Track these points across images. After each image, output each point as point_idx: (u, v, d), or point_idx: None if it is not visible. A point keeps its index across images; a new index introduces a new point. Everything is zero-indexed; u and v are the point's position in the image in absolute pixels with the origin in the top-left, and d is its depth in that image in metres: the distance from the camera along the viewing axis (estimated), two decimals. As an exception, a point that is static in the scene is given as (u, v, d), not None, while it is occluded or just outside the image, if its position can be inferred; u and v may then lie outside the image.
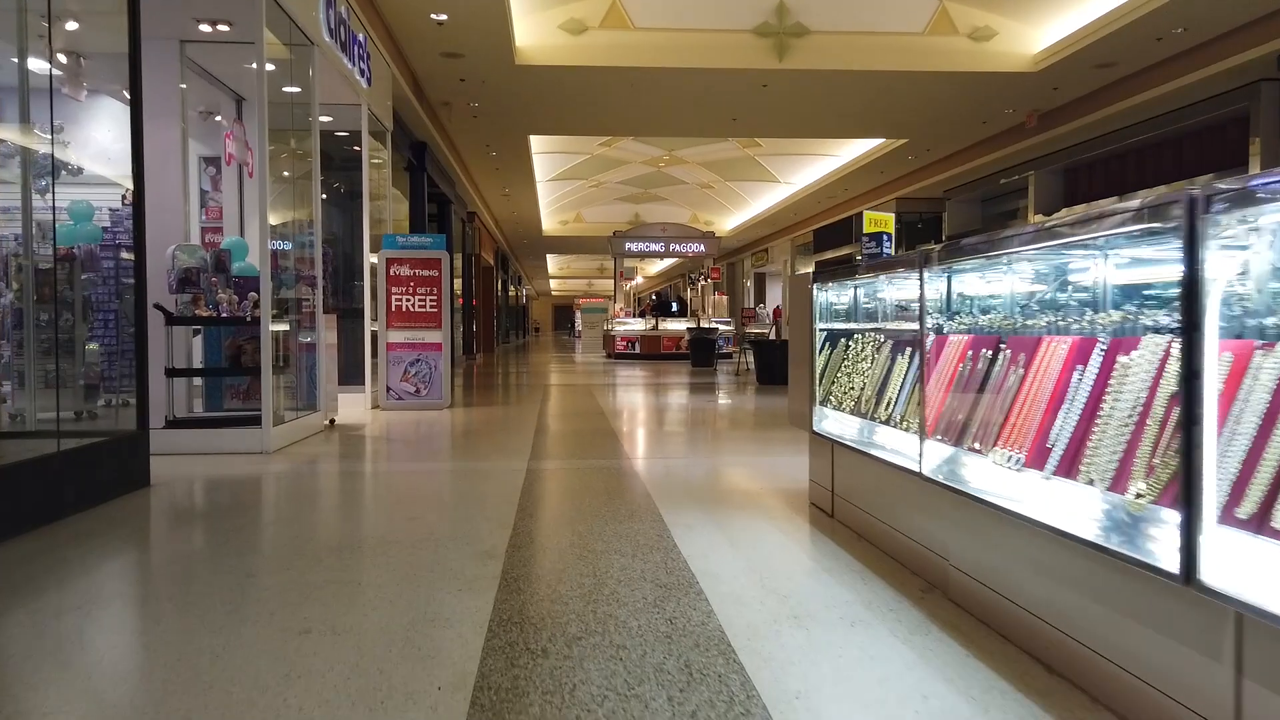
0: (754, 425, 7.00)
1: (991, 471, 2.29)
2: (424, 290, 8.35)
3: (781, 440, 6.01)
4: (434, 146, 13.46)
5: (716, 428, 6.86)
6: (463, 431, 6.70)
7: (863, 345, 3.43)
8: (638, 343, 19.85)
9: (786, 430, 6.55)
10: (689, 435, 6.46)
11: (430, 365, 8.34)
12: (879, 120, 13.38)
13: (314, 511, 3.82)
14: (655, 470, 4.74)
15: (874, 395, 3.23)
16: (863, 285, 3.53)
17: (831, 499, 3.51)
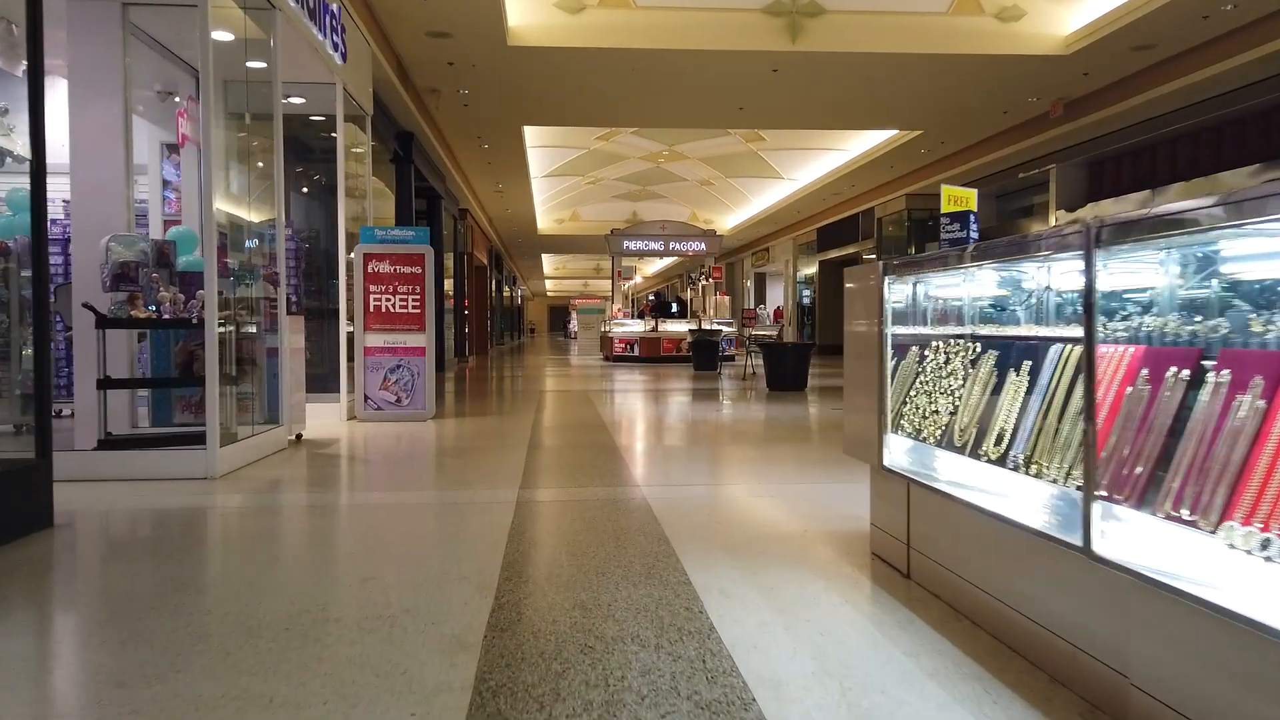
0: (776, 441, 6.21)
1: (1217, 557, 1.51)
2: (406, 289, 7.56)
3: (813, 462, 5.22)
4: (422, 138, 12.66)
5: (734, 445, 6.07)
6: (446, 449, 5.90)
7: (950, 356, 2.65)
8: (637, 345, 19.07)
9: (816, 448, 5.77)
10: (704, 454, 5.67)
11: (412, 372, 7.55)
12: (894, 110, 12.62)
13: (242, 567, 3.02)
14: (671, 503, 3.95)
15: (973, 423, 2.44)
16: (951, 277, 2.74)
17: (907, 554, 2.72)
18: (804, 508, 3.84)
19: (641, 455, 5.50)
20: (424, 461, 5.35)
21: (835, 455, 5.41)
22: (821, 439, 6.30)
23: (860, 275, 3.00)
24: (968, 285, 2.71)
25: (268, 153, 6.31)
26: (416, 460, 5.40)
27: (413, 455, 5.61)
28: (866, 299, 2.89)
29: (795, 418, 7.59)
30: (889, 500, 2.86)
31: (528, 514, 3.74)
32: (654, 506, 3.84)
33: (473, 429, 6.94)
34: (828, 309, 23.73)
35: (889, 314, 2.79)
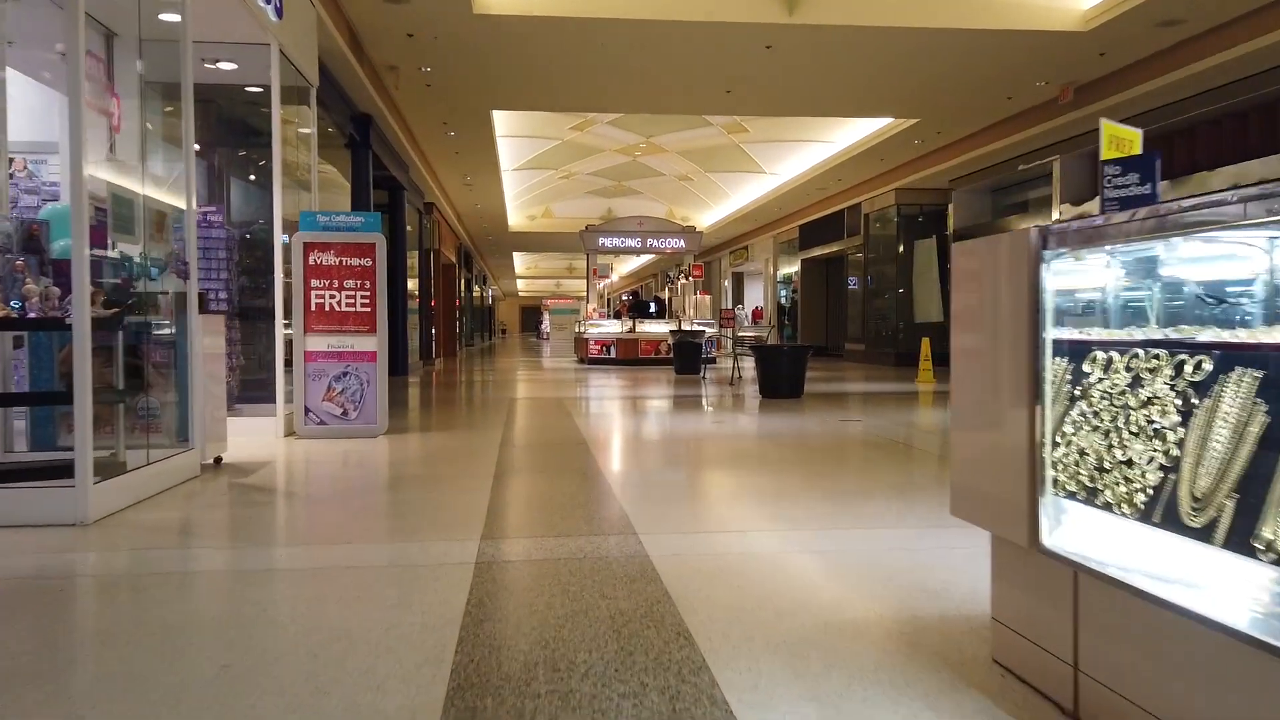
0: (793, 464, 5.25)
1: None
2: (354, 284, 6.51)
3: (848, 494, 4.27)
4: (381, 122, 11.58)
5: (743, 470, 5.10)
6: (395, 477, 4.87)
7: (1143, 373, 1.69)
8: (613, 347, 18.08)
9: (844, 474, 4.81)
10: (710, 484, 4.70)
11: (361, 380, 6.50)
12: (892, 95, 11.74)
13: (52, 696, 1.99)
14: (683, 563, 2.97)
15: (1218, 486, 1.49)
16: (1153, 251, 1.79)
17: (1074, 681, 1.77)
18: (861, 570, 2.87)
19: (633, 485, 4.50)
20: (364, 496, 4.32)
21: (870, 484, 4.46)
22: (846, 461, 5.36)
23: (993, 251, 2.04)
24: (1178, 265, 1.76)
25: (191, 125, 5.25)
26: (355, 494, 4.37)
27: (352, 486, 4.58)
28: (1007, 287, 1.93)
29: (803, 432, 6.65)
30: (1036, 592, 1.90)
31: (490, 586, 2.73)
32: (661, 570, 2.86)
33: (431, 448, 5.91)
34: (810, 309, 22.90)
35: (1048, 310, 1.83)
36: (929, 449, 5.71)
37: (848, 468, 5.07)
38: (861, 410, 8.50)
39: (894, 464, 5.17)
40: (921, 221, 17.33)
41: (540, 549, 3.15)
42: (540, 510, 3.87)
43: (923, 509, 3.73)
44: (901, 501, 3.95)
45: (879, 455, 5.51)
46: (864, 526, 3.51)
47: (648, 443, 6.16)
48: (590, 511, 3.77)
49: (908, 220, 17.38)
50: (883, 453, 5.62)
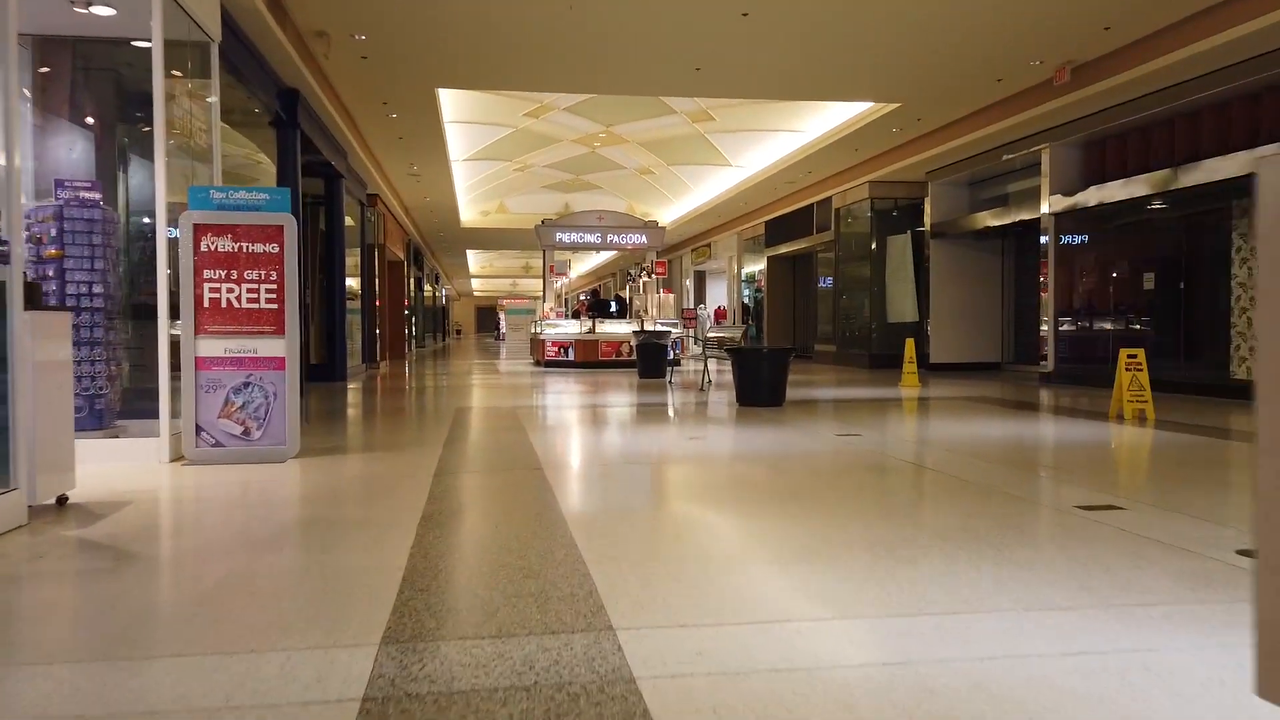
0: (802, 499, 4.20)
1: None
2: (257, 275, 5.34)
3: (902, 547, 3.24)
4: (311, 99, 10.35)
5: (748, 510, 4.03)
6: (285, 527, 3.73)
7: None
8: (572, 348, 16.97)
9: (880, 515, 3.77)
10: (712, 533, 3.62)
11: (266, 392, 5.33)
12: (873, 77, 10.82)
13: None
14: (695, 696, 1.90)
15: None
16: None
17: None
18: (1012, 708, 1.84)
19: (603, 535, 3.42)
20: (233, 558, 3.17)
21: (916, 529, 3.44)
22: (867, 492, 4.34)
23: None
24: None
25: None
26: (221, 555, 3.22)
27: (222, 542, 3.43)
28: None
29: (800, 452, 5.62)
30: None
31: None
32: (656, 711, 1.79)
33: (349, 477, 4.77)
34: (777, 308, 22.01)
35: None
36: (956, 473, 4.72)
37: (876, 502, 4.05)
38: (854, 421, 7.53)
39: (928, 497, 4.17)
40: (896, 216, 16.51)
41: (467, 667, 2.06)
42: (475, 584, 2.78)
43: (1024, 576, 2.72)
44: (980, 559, 2.94)
45: (903, 485, 4.51)
46: (956, 609, 2.46)
47: (616, 467, 5.09)
48: (546, 586, 2.69)
49: (881, 215, 16.54)
50: (905, 480, 4.62)
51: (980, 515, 3.66)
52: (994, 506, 3.84)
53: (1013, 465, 4.96)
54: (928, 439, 6.12)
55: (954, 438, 6.26)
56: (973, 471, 4.78)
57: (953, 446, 5.76)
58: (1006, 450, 5.63)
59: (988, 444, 5.98)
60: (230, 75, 8.16)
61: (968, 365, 15.19)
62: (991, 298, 15.46)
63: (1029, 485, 4.34)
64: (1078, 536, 3.28)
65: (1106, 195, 10.95)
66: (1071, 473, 4.85)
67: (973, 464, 5.02)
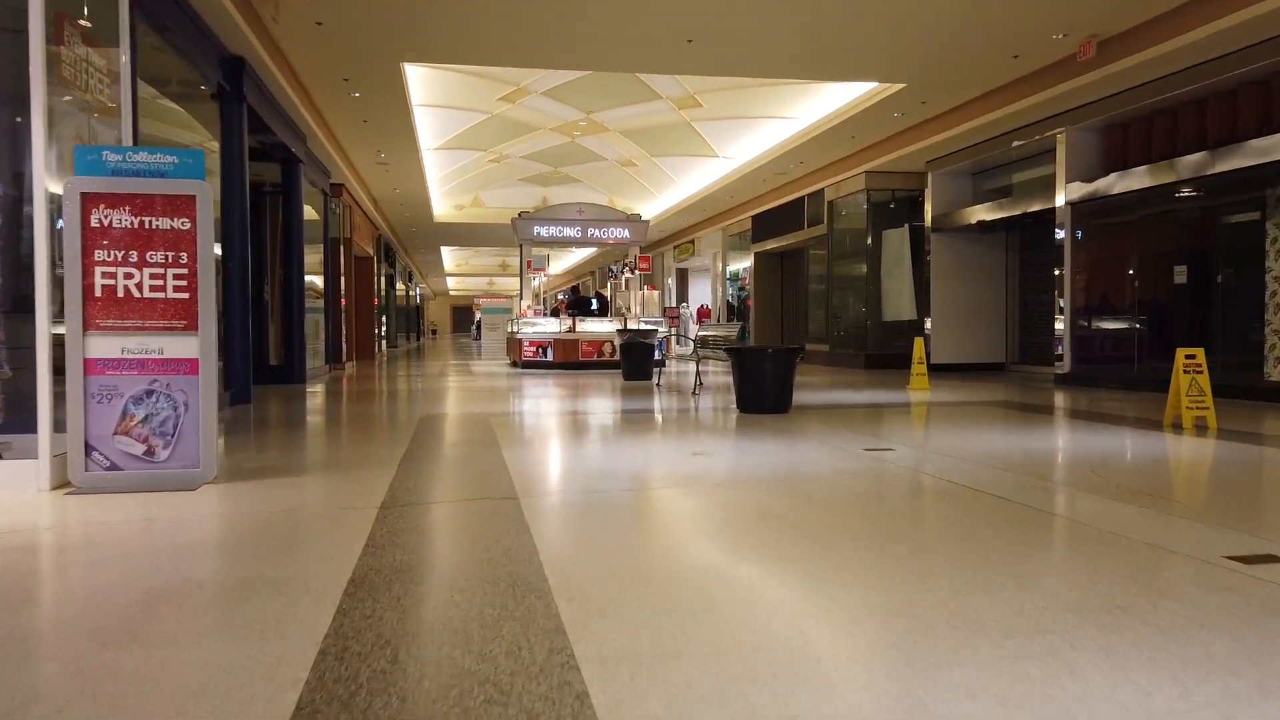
0: (861, 543, 3.23)
1: None
2: (162, 258, 4.31)
3: (1060, 638, 2.30)
4: (260, 69, 9.28)
5: (794, 560, 3.05)
6: (172, 590, 2.70)
7: None
8: (551, 348, 15.96)
9: (978, 570, 2.80)
10: (755, 605, 2.65)
11: (175, 402, 4.31)
12: (878, 54, 9.91)
13: None
14: None
15: None
16: None
17: None
18: None
19: (605, 615, 2.45)
20: (70, 647, 2.18)
21: (1043, 596, 2.49)
22: (938, 531, 3.38)
23: None
24: None
25: None
26: (57, 643, 2.22)
27: (72, 619, 2.41)
28: None
29: (828, 473, 4.67)
30: None
31: None
32: None
33: (272, 511, 3.75)
34: (764, 306, 21.10)
35: None
36: (1032, 503, 3.78)
37: (953, 547, 3.10)
38: (876, 432, 6.60)
39: (1017, 540, 3.21)
40: (893, 209, 15.64)
41: None
42: (408, 715, 1.79)
43: (1248, 693, 1.78)
44: (1157, 652, 2.01)
45: (975, 520, 3.55)
46: None
47: (611, 497, 4.10)
48: (518, 716, 1.71)
49: (877, 207, 15.67)
50: (974, 514, 3.67)
51: (1107, 572, 2.72)
52: (1116, 557, 2.91)
53: (1097, 492, 4.03)
54: (973, 454, 5.20)
55: (1003, 453, 5.34)
56: (1052, 501, 3.85)
57: (1007, 464, 4.84)
58: (1074, 470, 4.71)
59: (1047, 462, 5.06)
60: (158, 35, 7.11)
61: (969, 366, 14.36)
62: (995, 294, 14.63)
63: (1141, 523, 3.41)
64: (1266, 607, 2.36)
65: (1132, 182, 10.11)
66: (1178, 503, 3.92)
67: (1045, 490, 4.09)
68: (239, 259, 9.09)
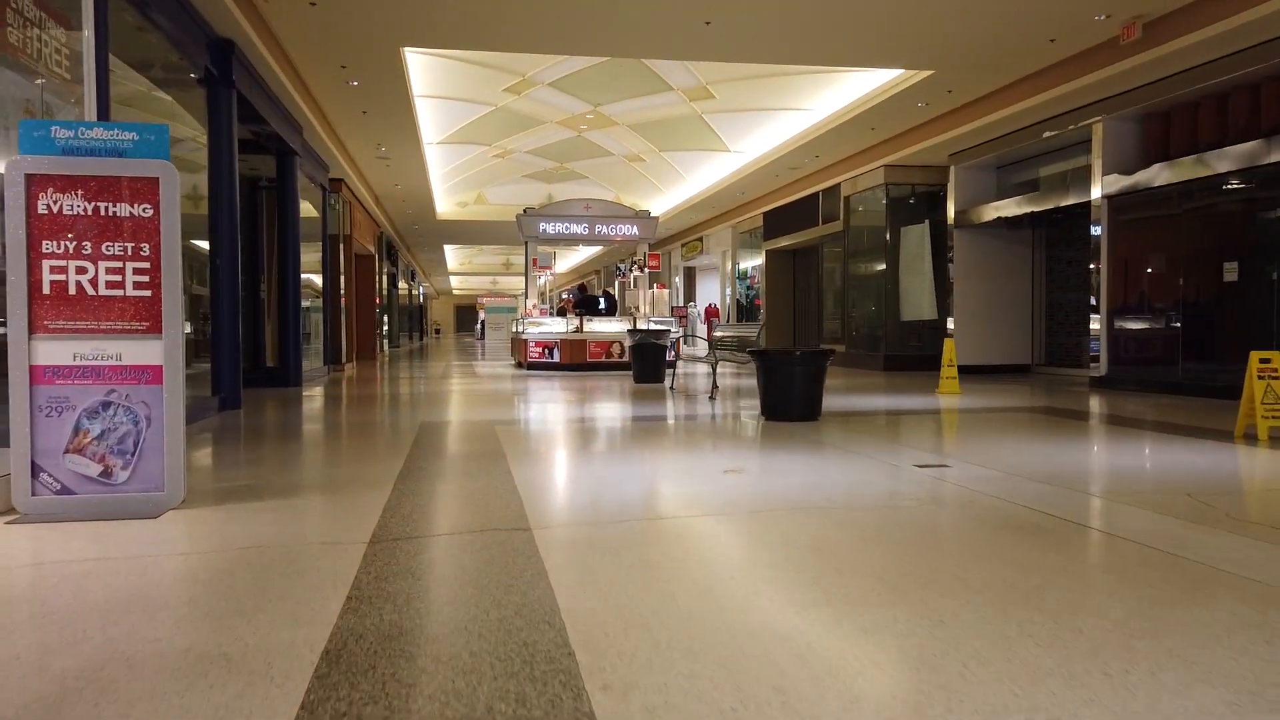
0: (953, 595, 2.66)
1: None
2: (121, 249, 3.75)
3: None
4: (251, 54, 8.72)
5: (879, 622, 2.48)
6: (103, 664, 2.15)
7: None
8: (557, 349, 15.40)
9: (1125, 646, 2.24)
10: (841, 676, 2.09)
11: (136, 415, 3.75)
12: (906, 39, 9.32)
13: None
14: None
15: None
16: None
17: None
18: None
19: (661, 708, 1.89)
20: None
21: (1221, 706, 1.92)
22: (1061, 586, 2.81)
23: None
24: None
25: None
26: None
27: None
28: None
29: (894, 496, 4.10)
30: None
31: None
32: None
33: (241, 546, 3.19)
34: (776, 305, 20.50)
35: None
36: (1151, 542, 3.20)
37: (1092, 611, 2.51)
38: (921, 444, 6.03)
39: (1160, 599, 2.64)
40: (913, 204, 15.05)
41: None
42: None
43: None
44: None
45: (1085, 564, 2.97)
46: None
47: (640, 527, 3.53)
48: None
49: (896, 203, 15.07)
50: (1083, 556, 3.08)
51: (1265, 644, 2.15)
52: (1265, 612, 2.33)
53: (1203, 521, 3.46)
54: (1041, 473, 4.62)
55: (1076, 471, 4.76)
56: (1161, 534, 3.28)
57: (1086, 485, 4.26)
58: (1166, 494, 4.12)
59: (1130, 483, 4.48)
60: (137, 12, 6.55)
61: (994, 368, 13.76)
62: (1020, 293, 14.03)
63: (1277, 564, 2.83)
64: None
65: (1177, 173, 9.52)
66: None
67: (1148, 520, 3.52)
68: (228, 255, 8.54)
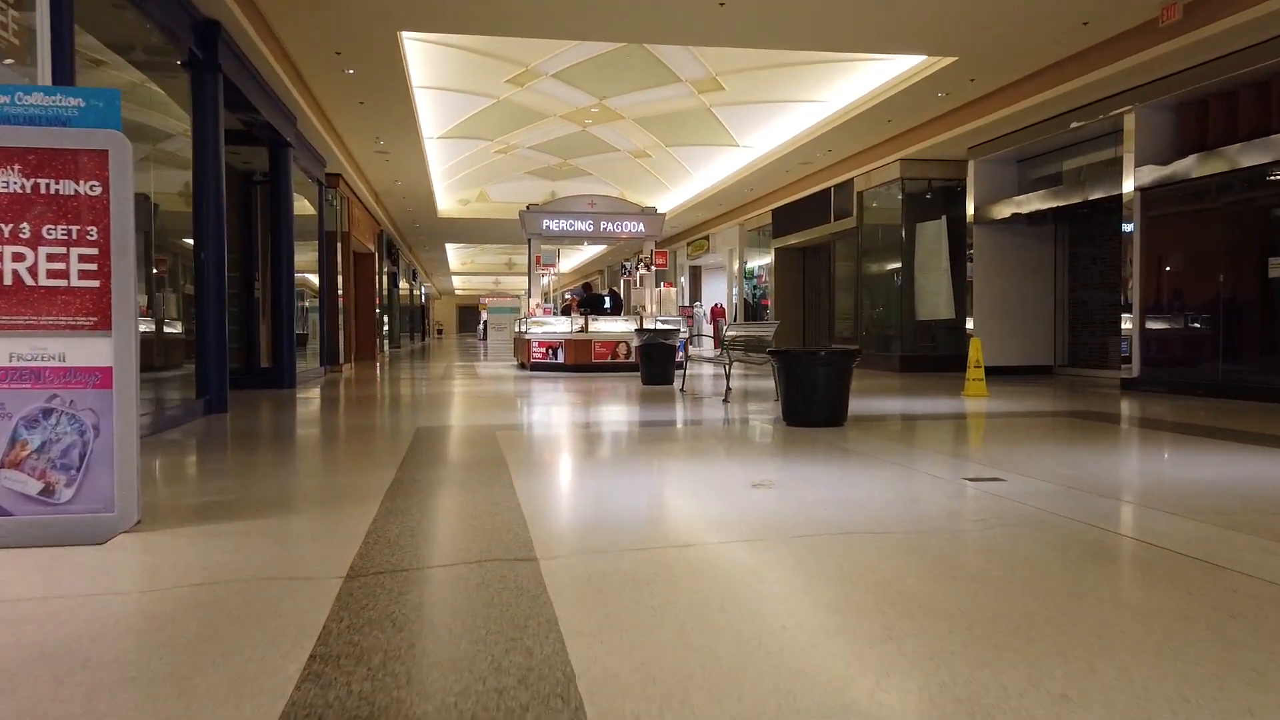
0: (1093, 680, 2.17)
1: None
2: (61, 233, 3.26)
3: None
4: (238, 36, 8.24)
5: (993, 700, 1.99)
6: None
7: None
8: (561, 349, 14.91)
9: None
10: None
11: (82, 424, 3.26)
12: (930, 22, 8.82)
13: None
14: None
15: None
16: None
17: None
18: None
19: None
20: None
21: None
22: (1208, 652, 2.31)
23: None
24: None
25: None
26: None
27: None
28: None
29: (950, 516, 3.60)
30: None
31: None
32: None
33: (196, 581, 2.69)
34: (786, 304, 20.00)
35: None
36: (1246, 568, 2.71)
37: (1243, 676, 2.02)
38: (962, 452, 5.53)
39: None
40: (929, 199, 14.55)
41: None
42: None
43: None
44: None
45: (1205, 605, 2.47)
46: None
47: (661, 557, 3.04)
48: None
49: (912, 198, 14.56)
50: (1196, 594, 2.57)
51: None
52: None
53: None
54: (1108, 487, 4.11)
55: (1148, 486, 4.26)
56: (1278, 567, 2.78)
57: (1163, 503, 3.76)
58: (1261, 514, 3.62)
59: (1213, 499, 3.96)
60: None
61: (1015, 369, 13.24)
62: (1042, 292, 13.51)
63: None
64: None
65: (1218, 163, 9.01)
66: None
67: (1257, 549, 3.02)
68: (214, 249, 8.05)
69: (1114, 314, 12.22)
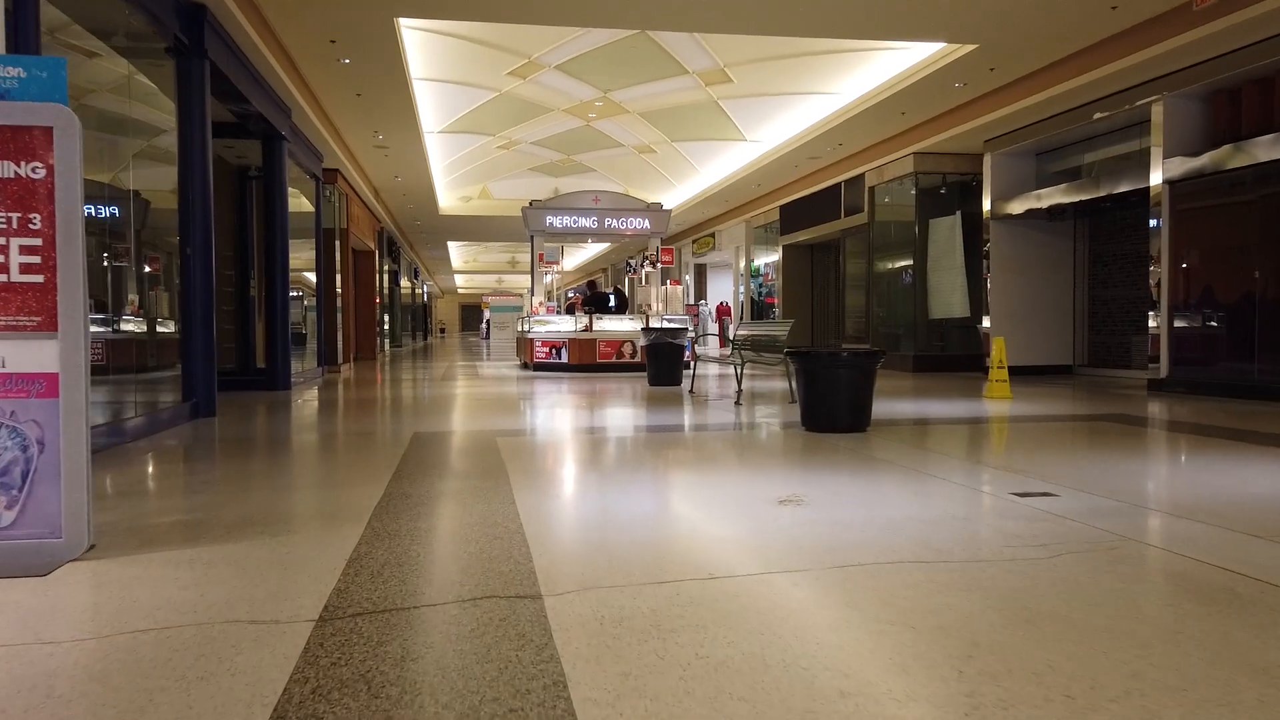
0: None
1: None
2: (2, 221, 2.87)
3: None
4: (226, 21, 7.85)
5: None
6: None
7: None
8: (565, 349, 14.52)
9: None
10: None
11: (25, 439, 2.87)
12: (952, 8, 8.41)
13: None
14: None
15: None
16: None
17: None
18: None
19: None
20: None
21: None
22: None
23: None
24: None
25: None
26: None
27: None
28: None
29: (1006, 540, 3.19)
30: None
31: None
32: None
33: (141, 626, 2.31)
34: (793, 302, 19.59)
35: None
36: None
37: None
38: (1000, 462, 5.13)
39: None
40: (943, 194, 14.13)
41: None
42: None
43: None
44: None
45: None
46: None
47: (686, 594, 2.64)
48: None
49: (926, 193, 14.15)
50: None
51: None
52: None
53: None
54: (1178, 504, 3.72)
55: (1218, 502, 3.86)
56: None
57: (1243, 522, 3.36)
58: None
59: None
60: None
61: (1033, 369, 12.83)
62: (1061, 289, 13.09)
63: None
64: None
65: (1254, 154, 8.59)
66: None
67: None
68: (201, 246, 7.67)
69: (1137, 312, 11.80)
